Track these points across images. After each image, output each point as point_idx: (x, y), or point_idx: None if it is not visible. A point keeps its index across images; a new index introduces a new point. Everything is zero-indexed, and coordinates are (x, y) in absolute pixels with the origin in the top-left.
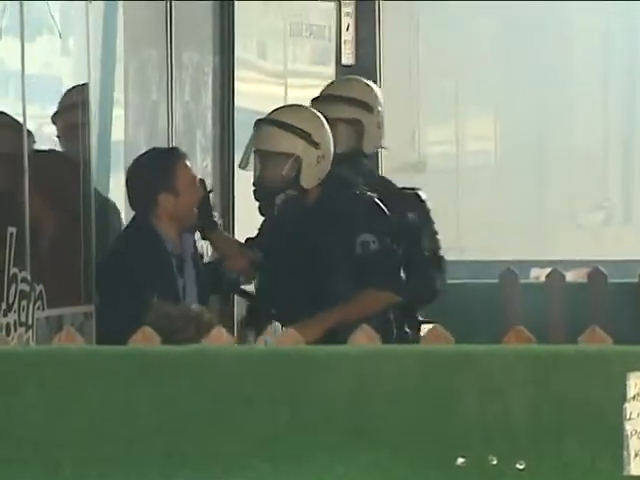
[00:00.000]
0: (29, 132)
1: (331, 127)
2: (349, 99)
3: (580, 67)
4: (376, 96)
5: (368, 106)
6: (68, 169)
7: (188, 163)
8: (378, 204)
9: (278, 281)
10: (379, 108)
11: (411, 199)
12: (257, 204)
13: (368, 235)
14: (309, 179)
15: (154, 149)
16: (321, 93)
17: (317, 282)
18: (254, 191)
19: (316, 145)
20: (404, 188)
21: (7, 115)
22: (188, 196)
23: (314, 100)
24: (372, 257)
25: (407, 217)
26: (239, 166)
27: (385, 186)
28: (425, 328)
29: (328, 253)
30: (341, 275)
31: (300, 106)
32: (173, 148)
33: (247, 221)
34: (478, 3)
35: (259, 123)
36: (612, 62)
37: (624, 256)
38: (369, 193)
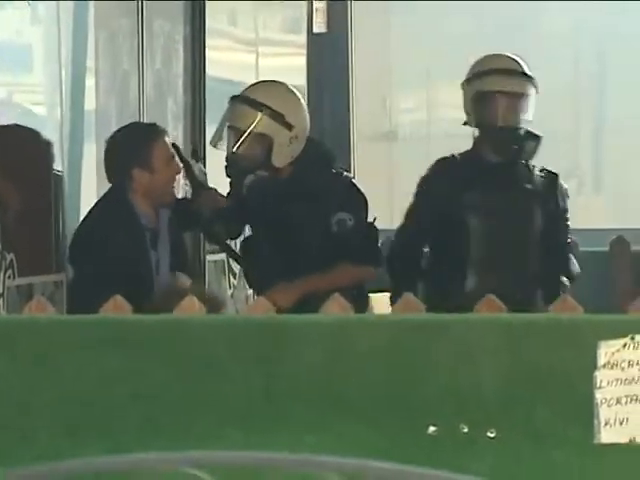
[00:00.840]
0: None
1: None
2: None
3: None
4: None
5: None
6: (40, 139)
7: (167, 140)
8: (353, 182)
9: (250, 254)
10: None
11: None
12: (229, 179)
13: (344, 213)
14: (281, 158)
15: (133, 123)
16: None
17: (290, 258)
18: (226, 167)
19: (289, 126)
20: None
21: None
22: (164, 173)
23: None
24: (349, 234)
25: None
26: (210, 143)
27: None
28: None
29: (301, 230)
30: (315, 251)
31: (276, 83)
32: (152, 124)
33: (217, 184)
34: None
35: (233, 100)
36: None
37: (594, 225)
38: (345, 172)
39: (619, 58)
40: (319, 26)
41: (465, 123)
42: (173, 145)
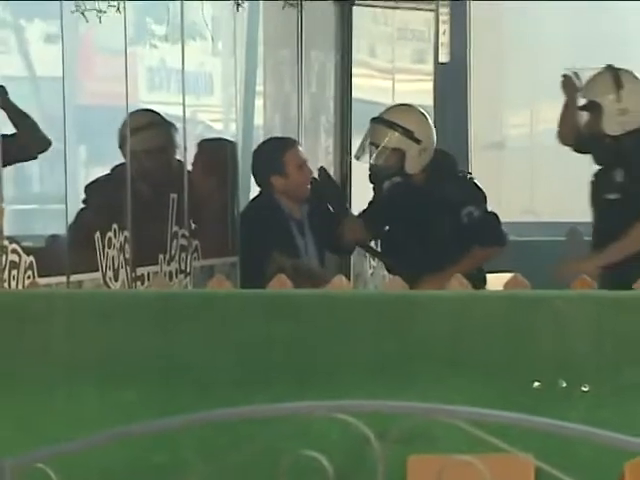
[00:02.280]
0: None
1: None
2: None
3: None
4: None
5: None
6: (220, 148)
7: (299, 149)
8: (474, 180)
9: (393, 247)
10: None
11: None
12: (372, 185)
13: (470, 207)
14: (413, 167)
15: (271, 138)
16: None
17: (429, 249)
18: (369, 175)
19: (418, 141)
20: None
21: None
22: (296, 177)
23: None
24: (477, 223)
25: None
26: (354, 156)
27: None
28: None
29: (436, 224)
30: (450, 241)
31: (407, 106)
32: (285, 137)
33: (361, 191)
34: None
35: (373, 121)
36: None
37: None
38: (467, 173)
39: None
40: (444, 56)
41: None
42: (323, 171)
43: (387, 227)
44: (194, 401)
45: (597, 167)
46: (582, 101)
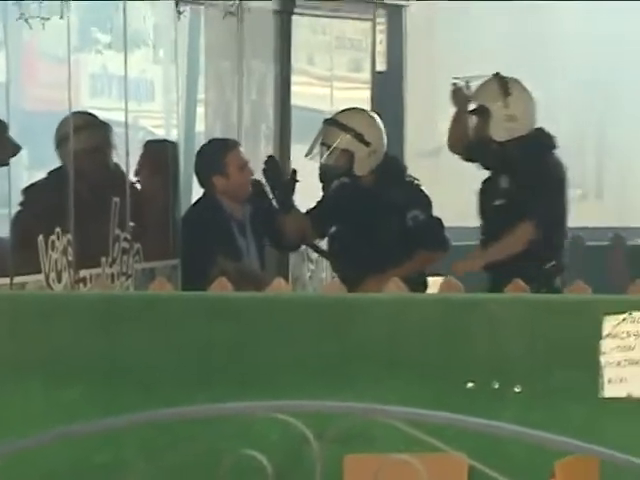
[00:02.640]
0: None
1: None
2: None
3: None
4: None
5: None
6: (164, 149)
7: (240, 150)
8: (420, 186)
9: (339, 247)
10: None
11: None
12: (320, 185)
13: (416, 211)
14: (361, 168)
15: (212, 139)
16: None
17: (374, 249)
18: (319, 174)
19: (367, 144)
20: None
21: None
22: (237, 178)
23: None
24: (421, 227)
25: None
26: (305, 155)
27: None
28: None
29: (382, 225)
30: (394, 243)
31: (359, 109)
32: (227, 139)
33: (301, 191)
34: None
35: (325, 122)
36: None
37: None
38: (414, 179)
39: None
40: (381, 65)
41: None
42: (271, 162)
43: (334, 227)
44: (137, 401)
45: (487, 174)
46: (472, 106)
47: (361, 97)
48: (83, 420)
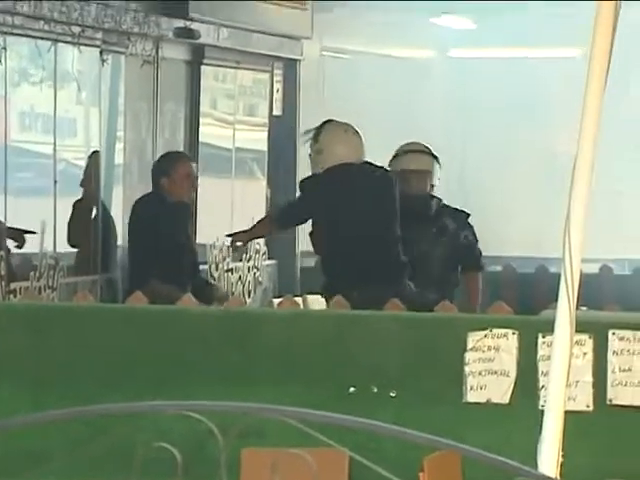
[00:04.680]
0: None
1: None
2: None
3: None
4: None
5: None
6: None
7: (189, 162)
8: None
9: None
10: None
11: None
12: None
13: (467, 231)
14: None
15: (169, 151)
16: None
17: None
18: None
19: (440, 165)
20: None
21: None
22: (182, 183)
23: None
24: (472, 246)
25: None
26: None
27: None
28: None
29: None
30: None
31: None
32: (181, 152)
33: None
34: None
35: (407, 151)
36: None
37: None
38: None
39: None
40: (277, 110)
41: None
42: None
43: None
44: (59, 398)
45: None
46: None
47: (259, 138)
48: (13, 414)
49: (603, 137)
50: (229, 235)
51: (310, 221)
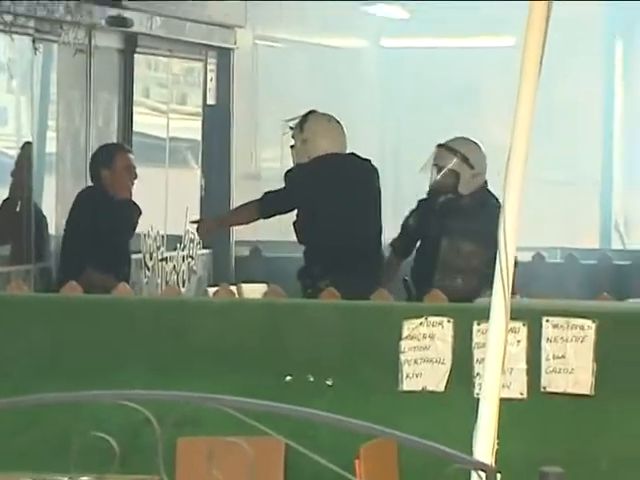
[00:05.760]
0: None
1: None
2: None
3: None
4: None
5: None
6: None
7: (128, 153)
8: None
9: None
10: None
11: None
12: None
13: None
14: (465, 188)
15: (107, 143)
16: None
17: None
18: (429, 190)
19: (471, 166)
20: None
21: None
22: (122, 174)
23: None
24: None
25: None
26: (419, 170)
27: None
28: None
29: (481, 239)
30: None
31: (467, 138)
32: (119, 143)
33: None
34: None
35: (438, 146)
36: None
37: None
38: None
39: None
40: (211, 99)
41: None
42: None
43: (429, 237)
44: None
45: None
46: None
47: (193, 127)
48: None
49: (535, 126)
50: (193, 222)
51: (297, 210)
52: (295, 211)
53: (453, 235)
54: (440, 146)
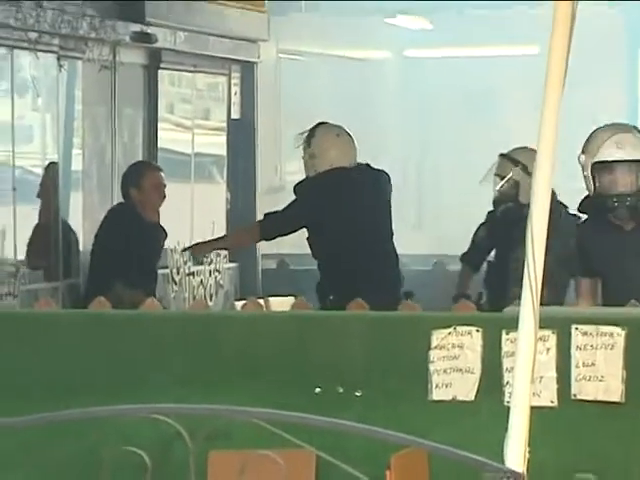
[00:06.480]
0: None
1: None
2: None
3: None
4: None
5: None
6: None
7: (159, 172)
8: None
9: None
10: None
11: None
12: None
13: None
14: (526, 196)
15: (137, 161)
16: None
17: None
18: (493, 199)
19: (530, 174)
20: None
21: None
22: (151, 193)
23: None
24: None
25: None
26: (480, 182)
27: None
28: None
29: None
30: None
31: (527, 148)
32: (149, 162)
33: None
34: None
35: (500, 156)
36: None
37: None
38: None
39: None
40: (235, 113)
41: None
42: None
43: (495, 245)
44: (20, 404)
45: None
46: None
47: (218, 142)
48: None
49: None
50: (185, 249)
51: (306, 226)
52: (304, 229)
53: (516, 245)
54: (502, 156)
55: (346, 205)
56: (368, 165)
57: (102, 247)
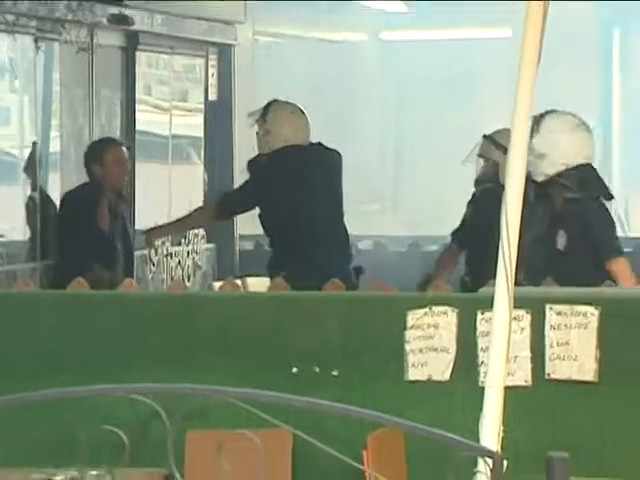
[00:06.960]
0: None
1: None
2: None
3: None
4: None
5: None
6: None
7: (121, 147)
8: None
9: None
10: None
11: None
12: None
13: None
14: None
15: (100, 138)
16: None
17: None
18: (475, 179)
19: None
20: None
21: None
22: (113, 167)
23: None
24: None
25: None
26: (462, 162)
27: None
28: None
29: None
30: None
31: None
32: (108, 137)
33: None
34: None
35: (483, 137)
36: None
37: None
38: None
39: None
40: (212, 95)
41: None
42: None
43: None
44: (2, 384)
45: None
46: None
47: (195, 123)
48: None
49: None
50: (144, 232)
51: (258, 203)
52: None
53: (491, 225)
54: (485, 137)
55: (298, 183)
56: (321, 144)
57: (69, 227)
